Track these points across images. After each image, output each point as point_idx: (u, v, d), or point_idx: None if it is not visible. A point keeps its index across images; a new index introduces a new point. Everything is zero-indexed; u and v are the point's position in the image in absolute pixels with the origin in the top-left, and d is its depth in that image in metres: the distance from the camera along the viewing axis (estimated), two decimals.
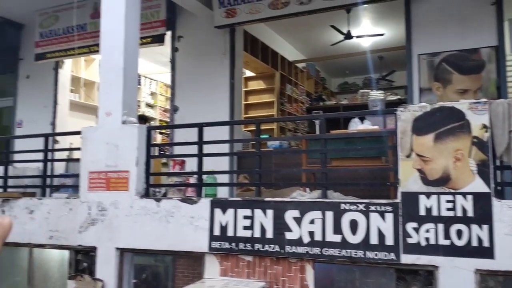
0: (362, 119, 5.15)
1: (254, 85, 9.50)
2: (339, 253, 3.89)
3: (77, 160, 5.82)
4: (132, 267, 5.04)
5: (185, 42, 7.40)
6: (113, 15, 5.21)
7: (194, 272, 5.72)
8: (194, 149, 5.04)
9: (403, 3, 6.26)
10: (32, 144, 6.30)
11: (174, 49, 7.45)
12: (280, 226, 4.13)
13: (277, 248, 4.13)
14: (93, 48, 7.38)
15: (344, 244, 3.89)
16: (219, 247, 4.34)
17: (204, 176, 5.01)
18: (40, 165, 6.48)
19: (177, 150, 6.75)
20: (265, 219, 4.20)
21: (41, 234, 5.34)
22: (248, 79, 9.39)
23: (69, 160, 7.02)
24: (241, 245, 4.26)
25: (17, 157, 6.85)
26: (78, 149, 5.39)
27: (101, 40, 5.25)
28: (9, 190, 6.07)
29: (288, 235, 4.09)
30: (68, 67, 8.60)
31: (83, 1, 7.00)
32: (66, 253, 5.26)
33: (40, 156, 6.17)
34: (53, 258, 5.50)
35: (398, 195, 3.79)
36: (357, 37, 8.68)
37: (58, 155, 6.85)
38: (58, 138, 7.48)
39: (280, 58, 9.43)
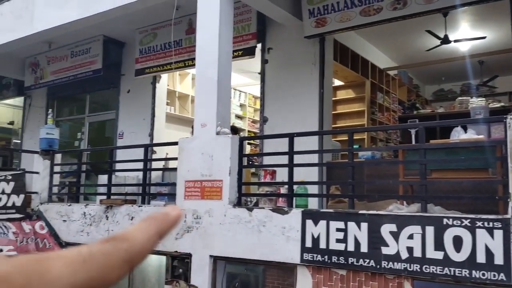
0: (465, 128, 4.80)
1: (343, 94, 9.33)
2: (441, 271, 3.64)
3: (173, 169, 6.10)
4: (225, 275, 5.14)
5: (275, 53, 7.47)
6: (207, 30, 5.41)
7: (284, 283, 5.68)
8: (284, 160, 5.04)
9: (509, 3, 5.78)
10: (132, 154, 6.73)
11: (264, 61, 7.56)
12: (376, 240, 3.96)
13: (372, 263, 3.96)
14: (188, 63, 7.72)
15: (446, 261, 3.62)
16: (311, 259, 4.27)
17: (295, 187, 4.98)
18: (138, 174, 6.90)
19: (267, 160, 6.81)
20: (359, 232, 4.06)
21: None
22: (337, 88, 9.25)
23: (165, 169, 7.37)
24: (334, 258, 4.15)
25: (118, 166, 7.35)
26: (175, 159, 5.64)
27: (197, 55, 5.48)
28: (112, 197, 6.52)
29: (385, 250, 3.91)
30: (165, 81, 9.09)
31: (179, 18, 7.37)
32: (163, 259, 5.49)
33: (139, 165, 6.57)
34: (151, 263, 5.77)
35: (508, 210, 3.47)
36: (455, 41, 8.17)
37: (154, 164, 7.22)
38: (155, 148, 7.90)
39: (370, 66, 9.17)
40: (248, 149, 11.04)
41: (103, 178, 7.20)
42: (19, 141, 11.69)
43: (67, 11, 7.30)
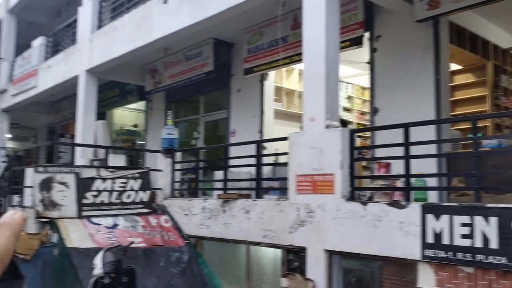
0: None
1: (461, 79, 8.65)
2: None
3: (283, 164, 6.19)
4: (341, 270, 5.09)
5: (384, 41, 7.18)
6: (314, 24, 5.38)
7: (402, 279, 5.45)
8: (398, 151, 4.83)
9: None
10: (244, 150, 6.96)
11: (373, 50, 7.31)
12: (507, 235, 3.62)
13: (504, 260, 3.63)
14: (294, 58, 7.77)
15: None
16: (433, 255, 4.04)
17: (412, 180, 4.74)
18: (251, 169, 7.12)
19: (379, 153, 6.58)
20: (487, 228, 3.74)
21: (256, 233, 5.82)
22: (454, 73, 8.60)
23: (276, 164, 7.51)
24: (459, 255, 3.88)
25: (232, 162, 7.66)
26: (285, 154, 5.72)
27: (304, 49, 5.48)
28: (228, 192, 6.82)
29: None
30: (272, 79, 9.25)
31: (285, 14, 7.44)
32: (278, 252, 5.61)
33: (250, 161, 6.78)
34: (267, 256, 5.93)
35: None
36: None
37: (265, 160, 7.39)
38: (265, 144, 8.08)
39: (492, 47, 8.38)
40: (357, 142, 10.80)
41: (218, 174, 7.57)
42: (143, 142, 12.77)
43: (181, 17, 7.77)
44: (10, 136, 16.43)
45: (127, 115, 14.17)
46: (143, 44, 8.50)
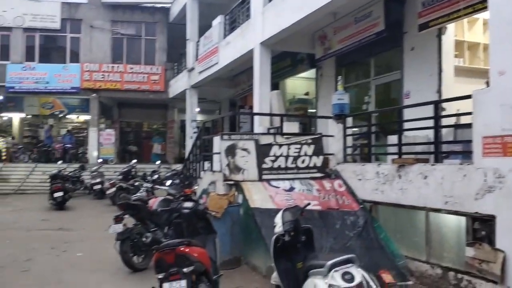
0: None
1: None
2: None
3: (466, 125, 5.65)
4: None
5: None
6: None
7: None
8: None
9: None
10: (419, 113, 6.55)
11: None
12: None
13: None
14: (478, 6, 6.90)
15: None
16: None
17: None
18: (427, 132, 6.68)
19: None
20: None
21: (435, 199, 5.50)
22: None
23: (457, 126, 6.90)
24: None
25: (406, 126, 7.30)
26: (468, 114, 5.21)
27: None
28: (403, 157, 6.55)
29: None
30: (451, 32, 8.40)
31: None
32: (461, 220, 5.22)
33: (427, 123, 6.36)
34: (448, 223, 5.56)
35: None
36: None
37: (444, 121, 6.85)
38: (444, 105, 7.46)
39: None
40: None
41: (392, 138, 7.31)
42: (314, 110, 13.03)
43: None
44: (198, 109, 18.48)
45: (299, 84, 14.57)
46: (312, 11, 8.52)
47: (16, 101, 21.68)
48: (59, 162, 16.72)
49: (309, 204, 4.97)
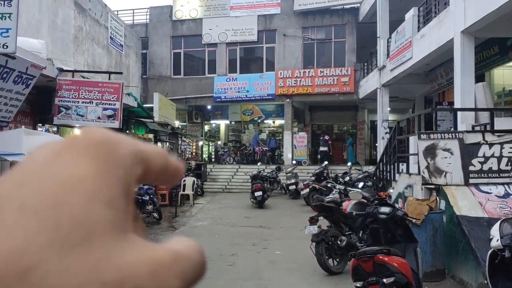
0: None
1: None
2: None
3: None
4: None
5: None
6: None
7: None
8: None
9: None
10: None
11: None
12: None
13: None
14: None
15: None
16: None
17: None
18: None
19: None
20: None
21: None
22: None
23: None
24: None
25: None
26: None
27: None
28: None
29: None
30: None
31: None
32: None
33: None
34: None
35: None
36: None
37: None
38: None
39: None
40: None
41: None
42: None
43: None
44: (389, 109, 17.73)
45: (510, 74, 12.68)
46: None
47: (222, 110, 24.30)
48: (259, 163, 18.00)
49: None
